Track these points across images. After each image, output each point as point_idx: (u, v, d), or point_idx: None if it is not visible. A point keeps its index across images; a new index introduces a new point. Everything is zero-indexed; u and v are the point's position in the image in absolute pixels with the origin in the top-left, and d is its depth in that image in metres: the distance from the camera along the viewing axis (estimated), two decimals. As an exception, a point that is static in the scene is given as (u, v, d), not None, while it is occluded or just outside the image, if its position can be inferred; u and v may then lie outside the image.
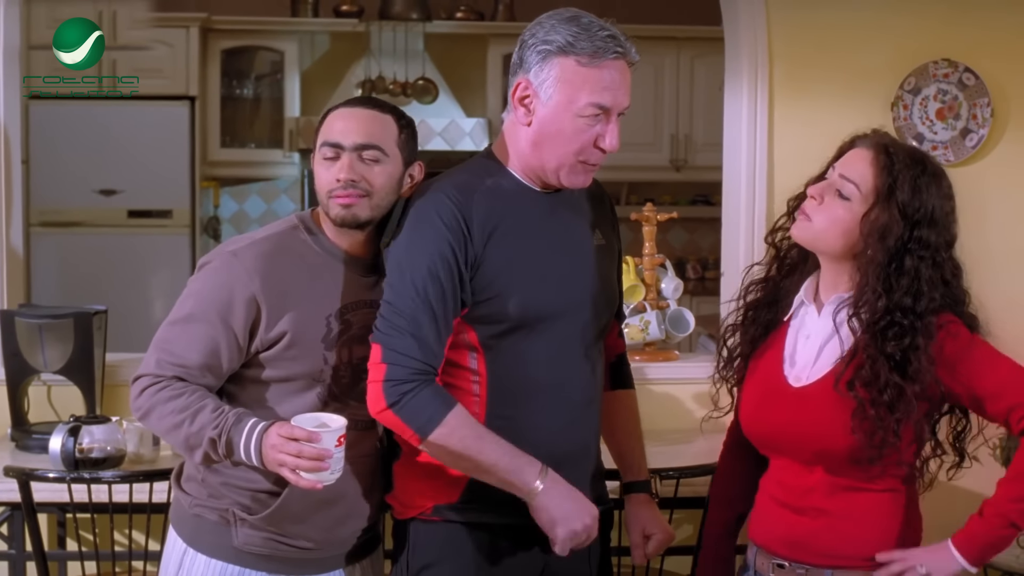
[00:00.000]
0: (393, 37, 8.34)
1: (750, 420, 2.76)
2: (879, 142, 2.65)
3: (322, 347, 2.71)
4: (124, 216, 7.63)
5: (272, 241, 2.75)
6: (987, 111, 4.38)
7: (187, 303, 2.72)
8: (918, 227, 2.58)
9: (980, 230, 4.33)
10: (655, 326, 4.48)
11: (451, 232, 2.57)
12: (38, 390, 4.26)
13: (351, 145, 2.71)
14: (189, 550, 2.79)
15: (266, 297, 2.67)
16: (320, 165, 2.74)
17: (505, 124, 2.71)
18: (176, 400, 2.64)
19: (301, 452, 2.51)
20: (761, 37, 4.36)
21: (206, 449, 2.62)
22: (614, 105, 2.61)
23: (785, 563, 2.69)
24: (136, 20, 7.54)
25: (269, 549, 2.75)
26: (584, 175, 2.67)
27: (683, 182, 8.57)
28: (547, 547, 2.68)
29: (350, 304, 2.75)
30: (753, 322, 2.80)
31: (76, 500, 3.51)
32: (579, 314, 2.70)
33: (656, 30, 8.08)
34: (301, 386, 2.72)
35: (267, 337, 2.68)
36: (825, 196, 2.63)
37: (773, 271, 2.81)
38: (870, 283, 2.58)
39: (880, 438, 2.53)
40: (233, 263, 2.70)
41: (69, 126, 7.49)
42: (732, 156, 4.50)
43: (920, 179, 2.59)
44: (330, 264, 2.75)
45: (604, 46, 2.57)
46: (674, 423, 4.40)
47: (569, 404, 2.70)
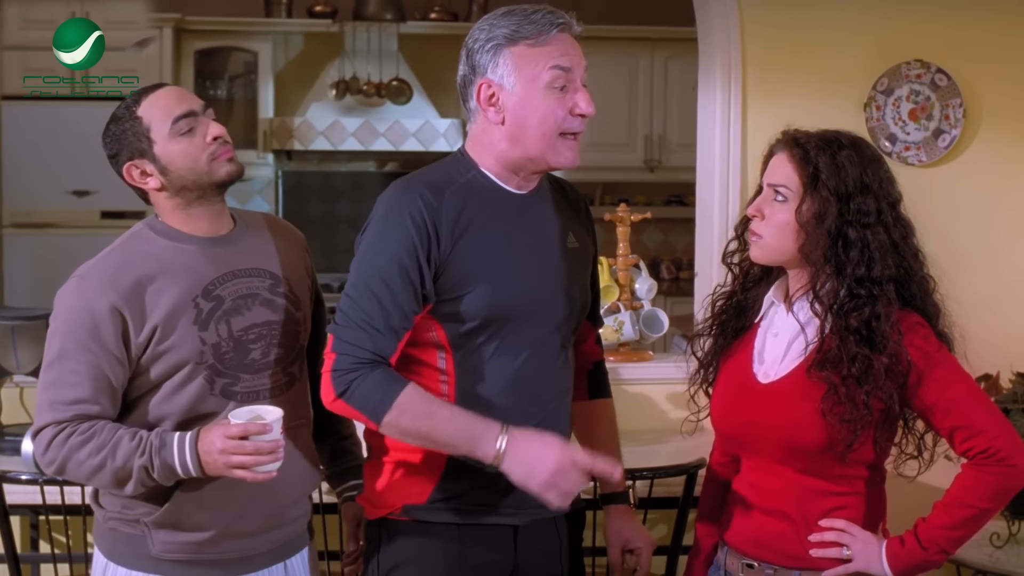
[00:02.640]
0: (367, 38, 8.33)
1: (721, 418, 2.78)
2: (789, 139, 2.68)
3: (195, 329, 2.67)
4: (97, 217, 7.60)
5: (116, 252, 2.72)
6: (959, 112, 4.41)
7: (55, 341, 2.67)
8: (852, 199, 2.60)
9: (952, 230, 4.38)
10: (629, 327, 4.49)
11: (417, 230, 2.57)
12: (10, 392, 4.25)
13: (200, 107, 2.73)
14: (110, 564, 2.76)
15: (125, 303, 2.63)
16: (179, 142, 2.69)
17: (473, 131, 2.71)
18: (89, 443, 2.60)
19: (259, 448, 2.51)
20: (734, 38, 4.37)
21: (138, 478, 2.59)
22: (574, 66, 2.62)
23: (754, 563, 2.70)
24: (109, 21, 7.50)
25: (187, 554, 2.72)
26: (570, 152, 2.66)
27: (657, 183, 8.59)
28: (518, 547, 2.69)
29: (216, 280, 2.72)
30: (723, 333, 2.82)
31: (49, 502, 3.49)
32: (549, 315, 2.70)
33: (630, 31, 8.10)
34: (186, 374, 2.67)
35: (139, 341, 2.64)
36: (764, 209, 2.67)
37: (738, 287, 2.83)
38: (822, 267, 2.61)
39: (852, 414, 2.54)
40: (83, 285, 2.66)
41: (42, 127, 7.45)
42: (706, 157, 4.51)
43: (838, 156, 2.62)
44: (183, 251, 2.72)
45: (546, 22, 2.59)
46: (648, 423, 4.41)
47: (539, 405, 2.69)
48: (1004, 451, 2.55)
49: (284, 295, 2.81)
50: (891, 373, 2.56)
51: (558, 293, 2.71)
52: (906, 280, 2.64)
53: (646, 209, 4.82)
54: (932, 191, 4.39)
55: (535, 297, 2.67)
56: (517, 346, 2.65)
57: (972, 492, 2.57)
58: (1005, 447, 2.55)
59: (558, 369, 2.75)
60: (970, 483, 2.57)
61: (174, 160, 2.70)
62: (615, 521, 2.93)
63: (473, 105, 2.66)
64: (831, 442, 2.57)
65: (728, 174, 4.38)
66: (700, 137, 4.56)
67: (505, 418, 2.60)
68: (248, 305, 2.74)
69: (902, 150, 4.39)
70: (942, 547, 2.58)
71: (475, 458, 2.55)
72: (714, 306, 2.86)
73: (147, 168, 2.71)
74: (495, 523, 2.67)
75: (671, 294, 7.92)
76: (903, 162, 4.40)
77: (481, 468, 2.56)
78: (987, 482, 2.56)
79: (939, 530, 2.58)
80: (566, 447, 2.55)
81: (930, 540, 2.58)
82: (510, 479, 2.54)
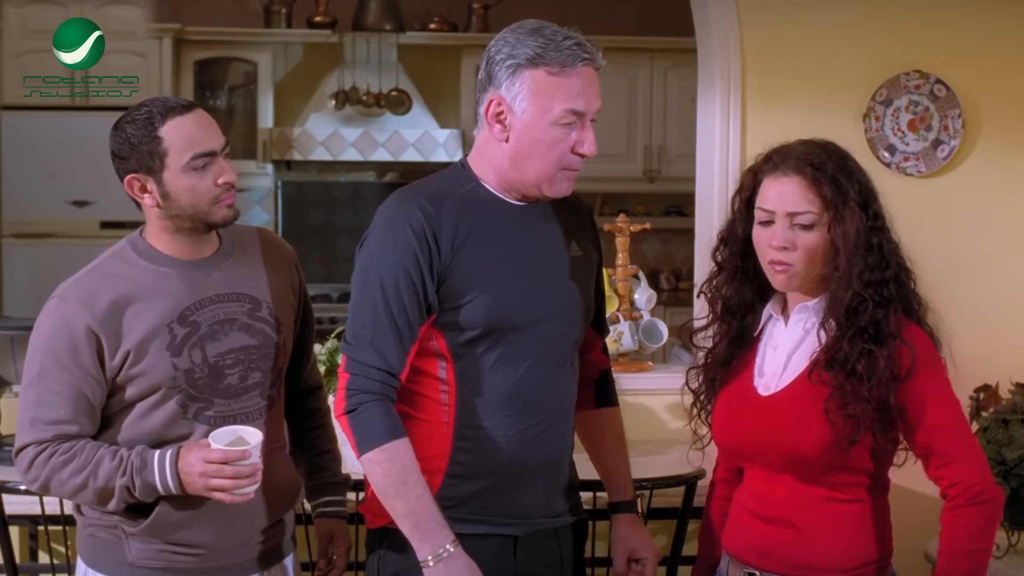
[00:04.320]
0: (367, 48, 8.34)
1: (721, 431, 2.77)
2: (796, 161, 2.62)
3: (168, 355, 2.67)
4: (97, 227, 7.61)
5: (94, 272, 2.72)
6: (958, 122, 4.41)
7: (34, 361, 2.69)
8: (870, 205, 2.61)
9: (952, 240, 4.38)
10: (628, 337, 4.49)
11: (419, 241, 2.57)
12: (10, 402, 4.23)
13: (220, 147, 2.70)
14: (89, 570, 2.78)
15: (100, 326, 2.64)
16: (189, 176, 2.66)
17: (478, 140, 2.71)
18: (71, 463, 2.63)
19: (238, 472, 2.54)
20: (734, 49, 4.37)
21: (120, 496, 2.62)
22: (588, 109, 2.61)
23: (755, 572, 2.70)
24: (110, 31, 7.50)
25: (163, 561, 2.72)
26: (566, 183, 2.66)
27: (656, 193, 8.60)
28: (518, 558, 2.69)
29: (192, 305, 2.71)
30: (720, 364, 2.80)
31: (48, 512, 3.49)
32: (551, 324, 2.70)
33: (629, 41, 8.11)
34: (159, 397, 2.68)
35: (113, 364, 2.65)
36: (792, 239, 2.61)
37: (727, 320, 2.79)
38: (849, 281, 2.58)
39: (856, 409, 2.54)
40: (60, 306, 2.67)
41: (41, 137, 7.47)
42: (705, 167, 4.51)
43: (844, 166, 2.62)
44: (162, 274, 2.71)
45: (572, 54, 2.57)
46: (648, 434, 4.40)
47: (541, 415, 2.69)
48: (978, 487, 2.55)
49: (264, 319, 2.80)
50: (891, 366, 2.55)
51: (560, 302, 2.71)
52: (901, 275, 2.65)
53: (645, 219, 4.83)
54: (931, 202, 4.38)
55: (536, 306, 2.67)
56: (519, 355, 2.65)
57: (961, 539, 2.55)
58: (979, 483, 2.56)
59: (562, 379, 2.75)
60: (952, 532, 2.56)
61: (178, 192, 2.68)
62: (622, 530, 2.93)
63: (481, 115, 2.66)
64: (835, 440, 2.56)
65: (727, 185, 4.37)
66: (699, 148, 4.56)
67: (506, 427, 2.60)
68: (225, 330, 2.74)
69: (901, 161, 4.39)
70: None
71: (411, 543, 2.57)
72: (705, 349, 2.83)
73: (149, 186, 2.69)
74: (495, 533, 2.67)
75: (670, 304, 7.92)
76: (902, 173, 4.40)
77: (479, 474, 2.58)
78: (968, 522, 2.55)
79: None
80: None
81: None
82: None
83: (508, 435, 2.65)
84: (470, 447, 2.64)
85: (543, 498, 2.73)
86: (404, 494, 2.57)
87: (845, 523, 2.63)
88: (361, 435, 2.57)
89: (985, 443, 3.81)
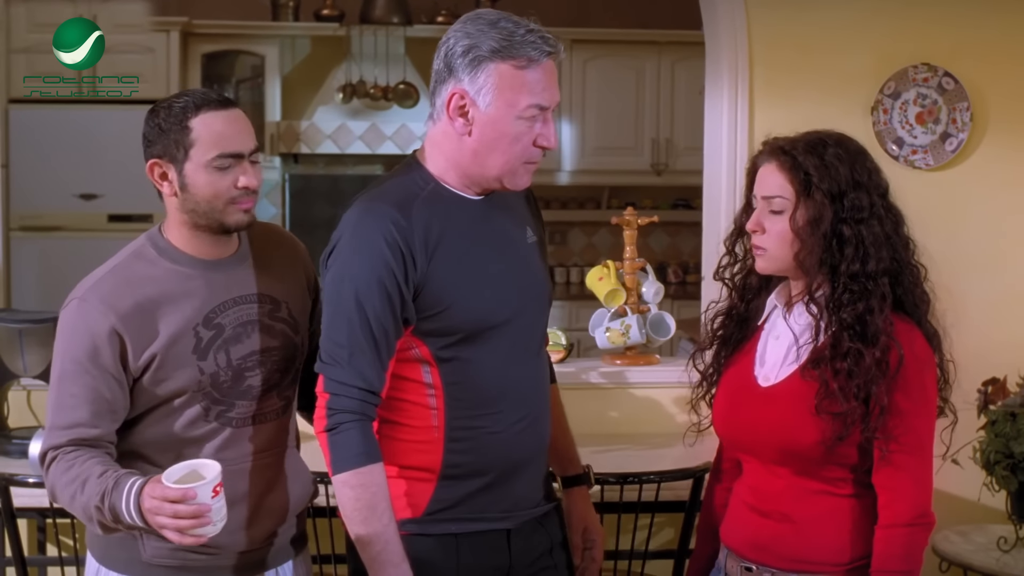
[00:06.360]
0: (374, 41, 8.34)
1: (721, 421, 2.78)
2: (775, 148, 2.66)
3: (194, 359, 2.64)
4: (104, 220, 7.62)
5: (116, 273, 2.68)
6: (966, 115, 4.40)
7: (57, 364, 2.65)
8: (845, 197, 2.60)
9: (960, 233, 4.38)
10: (636, 330, 4.48)
11: (393, 254, 2.53)
12: (18, 395, 4.25)
13: (248, 151, 2.65)
14: (102, 568, 2.75)
15: (126, 328, 2.60)
16: (210, 173, 2.62)
17: (432, 133, 2.65)
18: (68, 472, 2.56)
19: (178, 513, 2.36)
20: (741, 41, 4.37)
21: (97, 518, 2.52)
22: (551, 103, 2.60)
23: (753, 566, 2.70)
24: (117, 24, 7.52)
25: (178, 560, 2.69)
26: (527, 175, 2.65)
27: (664, 186, 8.59)
28: (512, 549, 2.69)
29: (216, 308, 2.69)
30: (724, 345, 2.82)
31: (56, 505, 3.49)
32: (525, 316, 2.70)
33: (637, 34, 8.08)
34: (183, 401, 2.66)
35: (137, 365, 2.62)
36: (763, 222, 2.65)
37: (736, 300, 2.82)
38: (816, 272, 2.61)
39: (843, 407, 2.54)
40: (82, 308, 2.63)
41: (49, 130, 7.46)
42: (713, 160, 4.51)
43: (825, 156, 2.61)
44: (186, 275, 2.68)
45: (537, 48, 2.54)
46: (655, 427, 4.41)
47: (526, 406, 2.69)
48: (919, 509, 2.56)
49: (284, 320, 2.78)
50: (881, 366, 2.55)
51: (530, 293, 2.72)
52: (899, 272, 2.64)
53: (653, 213, 4.81)
54: (939, 195, 4.38)
55: (511, 301, 2.66)
56: (500, 351, 2.64)
57: (894, 560, 2.55)
58: (921, 505, 2.56)
59: (539, 367, 2.77)
60: (886, 551, 2.56)
61: (196, 186, 2.63)
62: (578, 504, 2.94)
63: (440, 107, 2.60)
64: (823, 439, 2.56)
65: (735, 177, 4.38)
66: (707, 141, 4.56)
67: (499, 424, 2.62)
68: (248, 332, 2.71)
69: (909, 154, 4.39)
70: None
71: (368, 573, 2.57)
72: (713, 322, 2.85)
73: (170, 174, 2.65)
74: (489, 529, 2.67)
75: (678, 297, 7.92)
76: (910, 166, 4.40)
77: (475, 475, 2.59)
78: (903, 544, 2.55)
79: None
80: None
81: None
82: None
83: (501, 431, 2.65)
84: (463, 448, 2.63)
85: (531, 489, 2.73)
86: (371, 521, 2.53)
87: (842, 518, 2.63)
88: (337, 455, 2.53)
89: (993, 436, 3.81)
